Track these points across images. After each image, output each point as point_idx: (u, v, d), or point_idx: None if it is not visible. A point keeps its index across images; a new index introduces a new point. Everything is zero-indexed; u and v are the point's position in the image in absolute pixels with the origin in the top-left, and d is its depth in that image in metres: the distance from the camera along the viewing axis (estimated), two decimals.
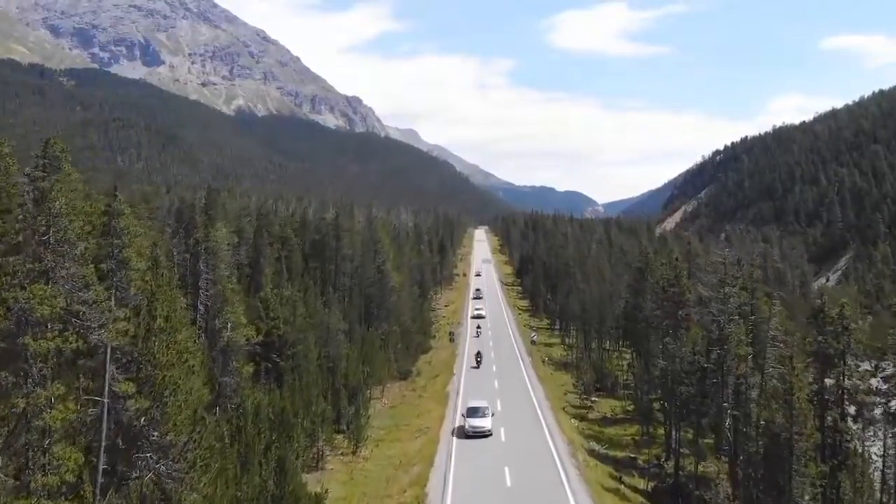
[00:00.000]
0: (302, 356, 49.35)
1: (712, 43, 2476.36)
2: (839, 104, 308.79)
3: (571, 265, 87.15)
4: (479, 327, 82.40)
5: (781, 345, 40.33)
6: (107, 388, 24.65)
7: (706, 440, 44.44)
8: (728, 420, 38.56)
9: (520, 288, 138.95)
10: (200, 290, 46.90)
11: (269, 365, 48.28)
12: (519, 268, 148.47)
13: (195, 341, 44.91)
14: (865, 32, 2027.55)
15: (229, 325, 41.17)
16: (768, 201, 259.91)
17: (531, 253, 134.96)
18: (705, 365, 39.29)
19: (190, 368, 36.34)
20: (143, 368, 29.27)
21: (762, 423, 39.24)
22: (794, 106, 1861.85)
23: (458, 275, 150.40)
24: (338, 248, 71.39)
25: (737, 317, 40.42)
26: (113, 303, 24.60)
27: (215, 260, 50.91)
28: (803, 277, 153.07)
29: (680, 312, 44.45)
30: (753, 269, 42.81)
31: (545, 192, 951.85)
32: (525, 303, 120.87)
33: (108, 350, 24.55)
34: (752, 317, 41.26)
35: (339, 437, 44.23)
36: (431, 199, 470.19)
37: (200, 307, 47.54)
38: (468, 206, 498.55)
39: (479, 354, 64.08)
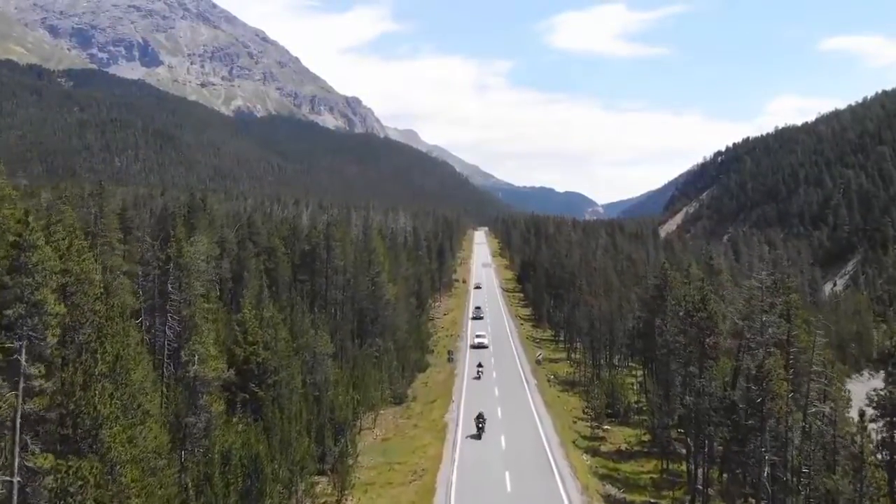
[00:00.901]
0: (284, 385, 44.21)
1: (711, 44, 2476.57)
2: (838, 105, 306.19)
3: (577, 275, 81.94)
4: (480, 366, 62.96)
5: (825, 380, 35.18)
6: (16, 465, 19.57)
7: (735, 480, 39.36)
8: (766, 468, 33.36)
9: (521, 294, 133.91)
10: (169, 315, 41.77)
11: (247, 395, 43.13)
12: (520, 273, 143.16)
13: (161, 374, 39.83)
14: (864, 33, 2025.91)
15: (196, 357, 35.95)
16: (771, 203, 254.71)
17: (533, 258, 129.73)
18: (740, 405, 34.13)
19: (145, 413, 31.19)
20: (80, 424, 24.31)
21: (804, 470, 34.21)
22: (793, 107, 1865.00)
23: (457, 280, 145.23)
24: (329, 260, 66.13)
25: (773, 348, 35.28)
26: (23, 358, 19.50)
27: (189, 278, 45.83)
28: (814, 284, 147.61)
29: (707, 340, 39.26)
30: (792, 294, 37.62)
31: (545, 193, 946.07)
32: (527, 311, 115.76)
33: (17, 417, 19.48)
34: (793, 348, 36.07)
35: (323, 480, 39.03)
36: (431, 199, 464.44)
37: (169, 333, 42.39)
38: (468, 207, 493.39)
39: (480, 419, 46.37)
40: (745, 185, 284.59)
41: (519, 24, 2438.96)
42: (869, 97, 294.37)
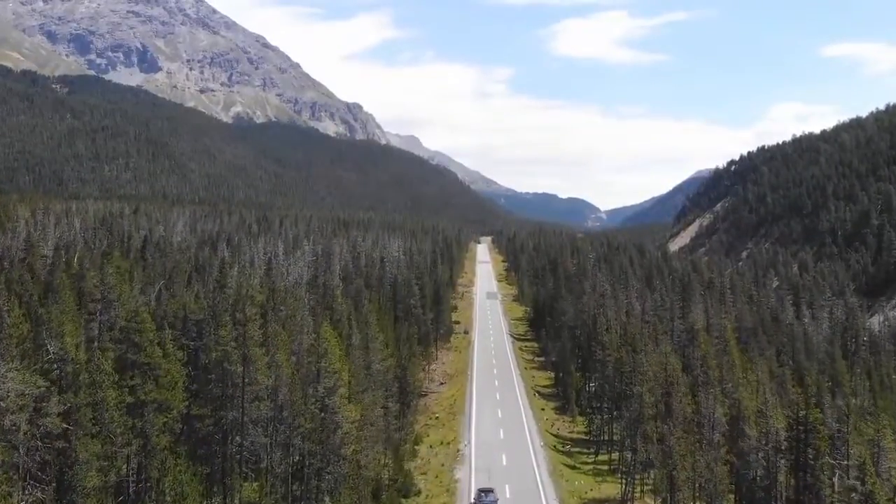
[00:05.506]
0: None
1: (712, 50, 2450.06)
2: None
3: (625, 363, 54.97)
4: None
5: None
6: None
7: None
8: None
9: (535, 344, 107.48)
10: None
11: None
12: (533, 316, 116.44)
13: None
14: (866, 40, 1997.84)
15: None
16: (796, 218, 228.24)
17: (550, 303, 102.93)
18: None
19: None
20: None
21: None
22: (794, 113, 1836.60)
23: (457, 323, 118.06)
24: (245, 376, 39.43)
25: None
26: None
27: None
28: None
29: None
30: None
31: (547, 199, 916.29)
32: (545, 375, 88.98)
33: None
34: None
35: None
36: (432, 207, 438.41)
37: None
38: (469, 215, 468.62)
39: None
40: (765, 197, 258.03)
41: (520, 32, 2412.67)
42: (892, 104, 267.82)
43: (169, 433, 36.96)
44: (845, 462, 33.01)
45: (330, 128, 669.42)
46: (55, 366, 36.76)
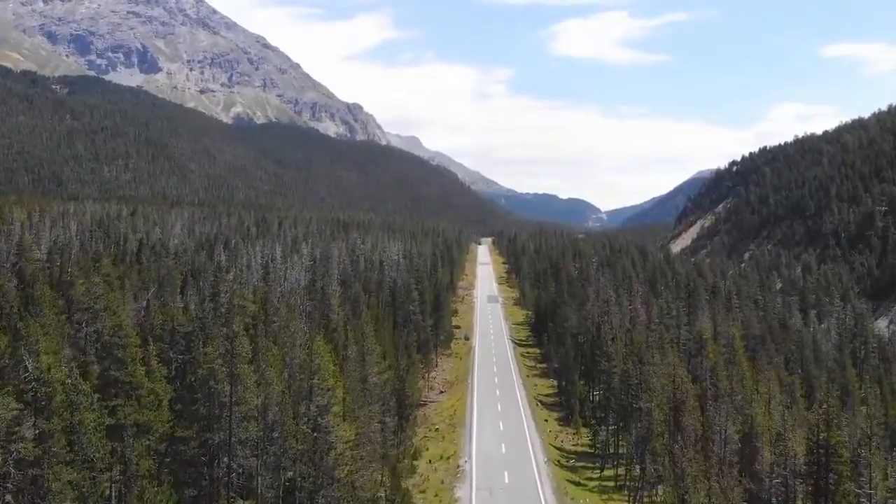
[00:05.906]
0: None
1: (712, 51, 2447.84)
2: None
3: (631, 375, 52.90)
4: None
5: None
6: None
7: None
8: None
9: (536, 350, 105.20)
10: None
11: None
12: (535, 321, 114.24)
13: None
14: (866, 40, 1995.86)
15: None
16: (799, 220, 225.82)
17: (552, 309, 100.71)
18: None
19: None
20: None
21: None
22: (795, 113, 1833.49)
23: (457, 328, 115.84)
24: (233, 395, 37.25)
25: None
26: None
27: None
28: None
29: None
30: None
31: (548, 200, 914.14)
32: (546, 384, 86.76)
33: None
34: None
35: None
36: (432, 208, 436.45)
37: None
38: (469, 215, 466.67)
39: None
40: (767, 199, 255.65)
41: (520, 32, 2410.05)
42: (894, 105, 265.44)
43: (152, 456, 34.85)
44: (869, 489, 30.88)
45: (330, 128, 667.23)
46: (31, 385, 34.60)
